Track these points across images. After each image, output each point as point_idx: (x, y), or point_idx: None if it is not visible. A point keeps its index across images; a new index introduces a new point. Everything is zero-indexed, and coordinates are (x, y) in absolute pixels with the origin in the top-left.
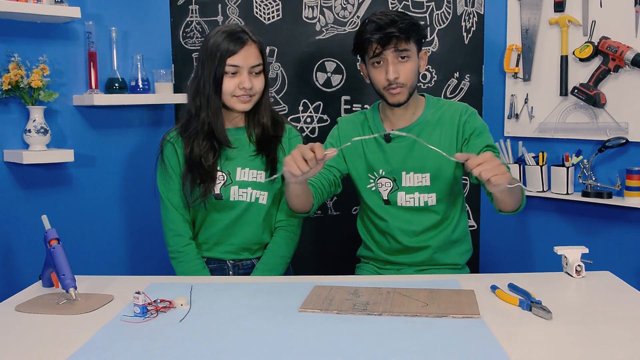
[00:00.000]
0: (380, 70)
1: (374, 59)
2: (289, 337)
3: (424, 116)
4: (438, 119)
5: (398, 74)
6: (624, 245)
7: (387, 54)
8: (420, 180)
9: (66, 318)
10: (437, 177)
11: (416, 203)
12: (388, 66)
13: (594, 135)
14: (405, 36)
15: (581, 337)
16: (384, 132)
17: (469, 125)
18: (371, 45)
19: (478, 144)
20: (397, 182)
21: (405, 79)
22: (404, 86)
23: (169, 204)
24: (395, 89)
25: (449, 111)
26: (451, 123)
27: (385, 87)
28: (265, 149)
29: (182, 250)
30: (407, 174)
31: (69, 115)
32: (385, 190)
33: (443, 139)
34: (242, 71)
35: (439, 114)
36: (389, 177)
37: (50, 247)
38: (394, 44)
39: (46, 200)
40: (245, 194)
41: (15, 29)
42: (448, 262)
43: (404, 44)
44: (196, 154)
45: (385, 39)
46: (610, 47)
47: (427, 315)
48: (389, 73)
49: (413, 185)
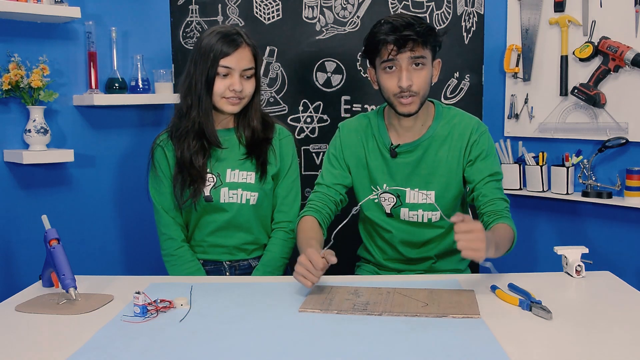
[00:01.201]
0: (392, 76)
1: (387, 63)
2: (289, 337)
3: (433, 129)
4: (447, 133)
5: (412, 81)
6: (624, 245)
7: (402, 58)
8: (424, 197)
9: (66, 318)
10: (442, 196)
11: (419, 219)
12: (401, 72)
13: (594, 135)
14: (422, 40)
15: (581, 337)
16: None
17: (478, 147)
18: (385, 47)
19: (482, 168)
20: (401, 198)
21: (419, 87)
22: (416, 95)
23: (161, 208)
24: (407, 98)
25: (459, 126)
26: (460, 140)
27: (396, 95)
28: (255, 151)
29: (174, 254)
30: (411, 191)
31: (69, 115)
32: (388, 205)
33: (451, 155)
34: (234, 73)
35: (449, 128)
36: (393, 193)
37: (50, 247)
38: (409, 48)
39: (46, 200)
40: (236, 195)
41: (15, 29)
42: (449, 269)
43: (421, 49)
44: (187, 155)
45: (402, 42)
46: (610, 47)
47: (427, 315)
48: (402, 80)
49: (417, 202)
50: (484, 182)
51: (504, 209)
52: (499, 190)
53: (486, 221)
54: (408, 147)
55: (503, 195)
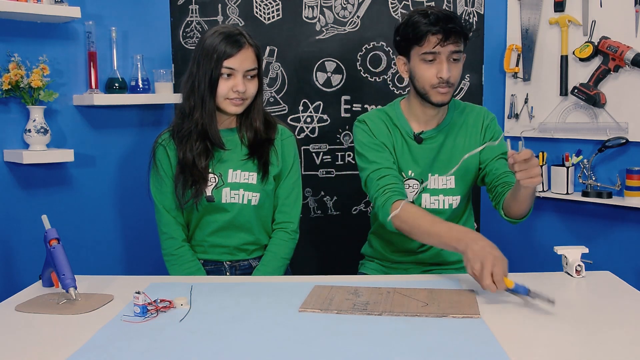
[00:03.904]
0: (432, 67)
1: (428, 55)
2: (289, 337)
3: (450, 117)
4: (463, 121)
5: (450, 73)
6: (624, 245)
7: (444, 51)
8: (444, 182)
9: (66, 318)
10: (461, 180)
11: (440, 205)
12: (442, 64)
13: (594, 135)
14: (464, 34)
15: (581, 337)
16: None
17: (490, 130)
18: (429, 38)
19: (495, 148)
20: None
21: (455, 79)
22: (452, 86)
23: (162, 207)
24: (444, 89)
25: (472, 114)
26: (475, 126)
27: (433, 85)
28: (258, 151)
29: (174, 253)
30: (432, 176)
31: (69, 115)
32: (411, 192)
33: (468, 141)
34: (237, 74)
35: (463, 116)
36: (417, 179)
37: (50, 247)
38: (452, 41)
39: (46, 200)
40: (237, 195)
41: (15, 29)
42: (454, 260)
43: (461, 43)
44: (189, 156)
45: (448, 34)
46: (610, 47)
47: (427, 315)
48: (442, 71)
49: (438, 188)
50: (496, 158)
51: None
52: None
53: (500, 192)
54: (431, 134)
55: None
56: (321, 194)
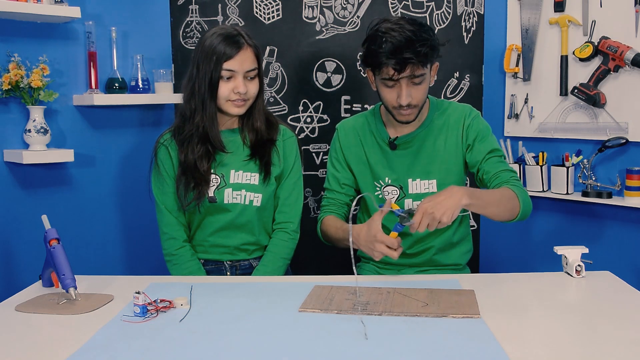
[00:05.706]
0: (392, 91)
1: (388, 81)
2: (289, 337)
3: (429, 120)
4: (443, 123)
5: (411, 97)
6: (624, 245)
7: (402, 77)
8: (427, 186)
9: (66, 318)
10: (444, 184)
11: None
12: (401, 90)
13: (594, 135)
14: (422, 62)
15: (581, 337)
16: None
17: (472, 130)
18: (386, 67)
19: (482, 149)
20: (404, 189)
21: (418, 101)
22: (415, 107)
23: (163, 208)
24: (407, 110)
25: (454, 115)
26: (456, 127)
27: (395, 107)
28: (260, 152)
29: (175, 253)
30: (413, 181)
31: (69, 115)
32: (392, 199)
33: (449, 143)
34: (237, 75)
35: (444, 117)
36: (395, 185)
37: (50, 247)
38: (409, 71)
39: (46, 200)
40: (240, 196)
41: (15, 29)
42: (449, 263)
43: (420, 69)
44: (190, 159)
45: (403, 65)
46: (610, 47)
47: (427, 315)
48: (401, 97)
49: (420, 192)
50: (485, 159)
51: (510, 179)
52: (501, 164)
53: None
54: (406, 139)
55: (506, 167)
56: (321, 194)
